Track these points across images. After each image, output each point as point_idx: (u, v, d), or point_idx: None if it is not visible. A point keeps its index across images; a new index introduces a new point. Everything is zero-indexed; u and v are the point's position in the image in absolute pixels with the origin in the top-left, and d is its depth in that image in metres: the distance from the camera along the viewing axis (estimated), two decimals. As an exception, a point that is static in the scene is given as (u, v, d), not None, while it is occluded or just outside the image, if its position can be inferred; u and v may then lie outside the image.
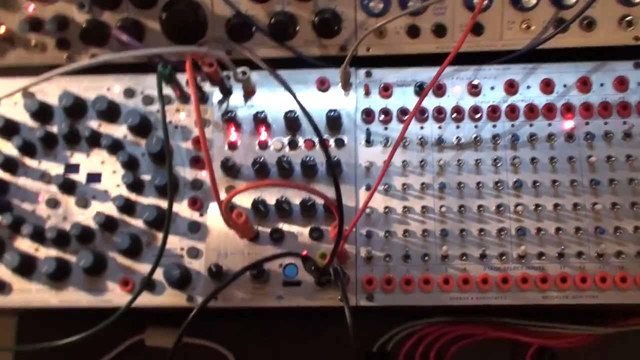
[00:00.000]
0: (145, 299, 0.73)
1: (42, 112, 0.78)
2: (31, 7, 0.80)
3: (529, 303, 0.70)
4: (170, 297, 0.73)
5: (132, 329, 0.82)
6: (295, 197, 0.73)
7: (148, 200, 0.76)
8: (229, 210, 0.64)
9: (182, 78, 0.75)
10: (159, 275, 0.72)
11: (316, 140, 0.75)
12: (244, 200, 0.73)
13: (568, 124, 0.74)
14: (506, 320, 0.77)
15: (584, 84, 0.75)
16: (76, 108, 0.78)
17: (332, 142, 0.75)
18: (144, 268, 0.74)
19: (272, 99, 0.77)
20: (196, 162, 0.76)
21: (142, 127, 0.77)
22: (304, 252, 0.68)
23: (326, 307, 0.71)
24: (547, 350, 0.78)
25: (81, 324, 0.71)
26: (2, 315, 0.88)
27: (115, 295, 0.74)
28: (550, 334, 0.77)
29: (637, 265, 0.70)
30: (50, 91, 0.79)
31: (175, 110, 0.78)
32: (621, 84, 0.74)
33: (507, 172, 0.73)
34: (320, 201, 0.72)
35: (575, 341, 0.77)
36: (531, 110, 0.74)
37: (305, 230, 0.73)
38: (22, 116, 0.78)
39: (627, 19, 0.76)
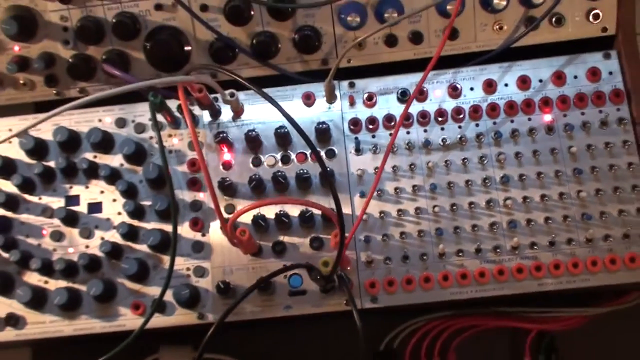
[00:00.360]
0: (158, 321, 0.75)
1: (38, 149, 0.79)
2: (17, 47, 0.81)
3: (525, 291, 0.73)
4: (181, 317, 0.76)
5: (146, 350, 0.83)
6: (294, 210, 0.76)
7: (150, 225, 0.78)
8: (233, 230, 0.67)
9: (171, 103, 0.77)
10: (168, 296, 0.75)
11: (308, 152, 0.78)
12: (244, 217, 0.74)
13: (547, 118, 0.77)
14: (505, 309, 0.80)
15: (559, 78, 0.78)
16: (71, 142, 0.79)
17: (323, 153, 0.78)
18: (152, 291, 0.76)
19: (261, 116, 0.79)
20: (193, 184, 0.79)
21: (137, 155, 0.79)
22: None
23: (332, 312, 0.74)
24: (545, 335, 0.81)
25: (95, 350, 0.74)
26: (16, 348, 0.89)
27: (128, 320, 0.76)
28: (547, 318, 0.80)
29: (625, 247, 0.73)
30: (43, 127, 0.80)
31: (167, 135, 0.80)
32: (594, 74, 0.78)
33: (494, 168, 0.76)
34: (317, 211, 0.75)
35: (571, 323, 0.80)
36: (511, 107, 0.77)
37: (306, 241, 0.76)
38: (19, 154, 0.80)
39: (593, 12, 0.79)
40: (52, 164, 0.80)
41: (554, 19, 0.79)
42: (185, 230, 0.77)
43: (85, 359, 0.74)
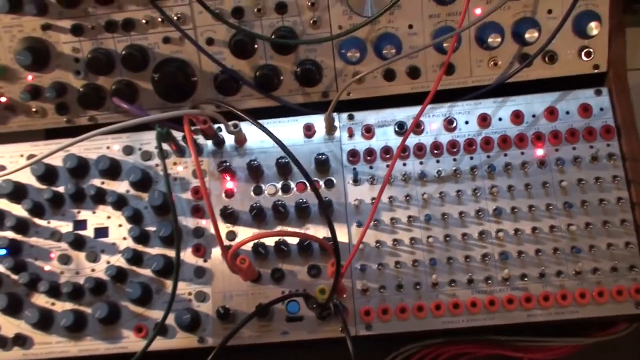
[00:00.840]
0: (159, 344, 0.78)
1: (48, 175, 0.83)
2: (30, 77, 0.85)
3: (515, 322, 0.76)
4: (182, 340, 0.78)
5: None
6: (293, 238, 0.79)
7: (154, 250, 0.81)
8: (234, 259, 0.69)
9: (177, 133, 0.80)
10: (170, 320, 0.77)
11: (307, 182, 0.80)
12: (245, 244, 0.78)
13: (539, 152, 0.80)
14: (496, 338, 0.82)
15: (551, 113, 0.80)
16: (80, 168, 0.83)
17: (322, 183, 0.81)
18: (155, 314, 0.79)
19: (263, 146, 0.82)
20: (196, 211, 0.81)
21: (143, 182, 0.82)
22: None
23: (328, 338, 0.77)
24: (536, 363, 0.83)
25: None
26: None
27: (130, 342, 0.79)
28: (537, 347, 0.82)
29: (613, 280, 0.76)
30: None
31: (172, 163, 0.83)
32: (585, 110, 0.80)
33: (487, 200, 0.79)
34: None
35: (561, 352, 0.82)
36: (504, 141, 0.80)
37: (304, 269, 0.78)
38: (29, 179, 0.83)
39: (585, 49, 0.81)
40: (61, 189, 0.83)
41: (547, 56, 0.82)
42: (187, 255, 0.80)
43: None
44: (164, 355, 0.79)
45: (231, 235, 0.80)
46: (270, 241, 0.78)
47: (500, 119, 0.81)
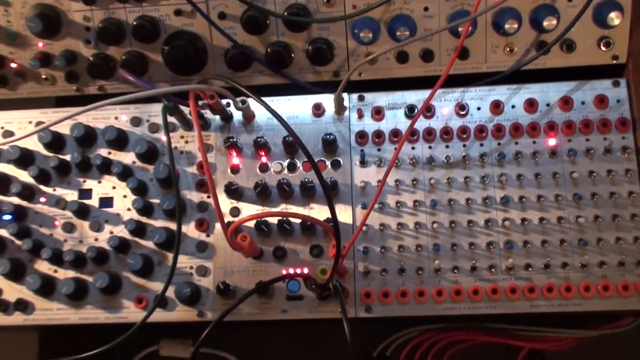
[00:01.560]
0: (159, 315, 0.78)
1: (56, 143, 0.83)
2: (40, 44, 0.84)
3: (517, 312, 0.75)
4: (181, 313, 0.78)
5: (147, 341, 0.86)
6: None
7: (158, 222, 0.81)
8: (234, 236, 0.69)
9: (185, 107, 0.80)
10: (170, 292, 0.77)
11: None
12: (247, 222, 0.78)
13: (551, 142, 0.78)
14: (498, 326, 0.81)
15: (566, 103, 0.79)
16: (87, 137, 0.83)
17: (328, 163, 0.80)
18: (156, 286, 0.79)
19: (271, 123, 0.82)
20: (201, 186, 0.81)
21: (149, 154, 0.81)
22: (306, 272, 0.73)
23: (328, 319, 0.76)
24: (537, 353, 0.82)
25: (99, 339, 0.77)
26: (24, 331, 0.93)
27: (130, 312, 0.79)
28: (539, 337, 0.81)
29: (619, 275, 0.74)
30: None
31: (179, 136, 0.83)
32: (601, 102, 0.79)
33: (495, 188, 0.77)
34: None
35: (563, 344, 0.81)
36: (516, 129, 0.78)
37: (306, 248, 0.78)
38: (36, 146, 0.83)
39: (605, 39, 0.79)
40: (68, 157, 0.83)
41: (564, 45, 0.80)
42: (190, 230, 0.80)
43: (89, 346, 0.78)
44: (163, 327, 0.79)
45: (235, 212, 0.79)
46: (273, 219, 0.78)
47: (513, 107, 0.80)
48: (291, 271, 0.77)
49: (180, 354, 0.85)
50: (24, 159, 0.82)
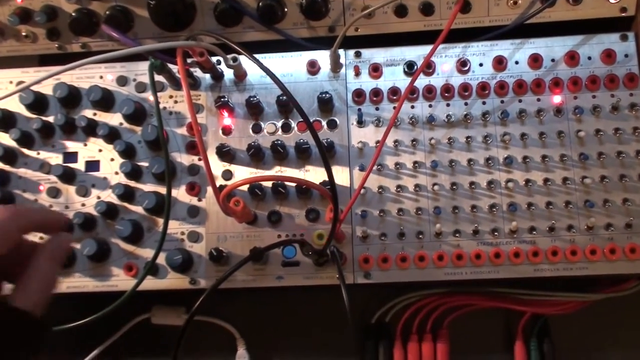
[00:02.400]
0: (150, 283, 0.75)
1: (38, 103, 0.79)
2: (19, -1, 0.80)
3: (521, 276, 0.72)
4: (173, 281, 0.75)
5: (138, 308, 0.84)
6: (291, 180, 0.75)
7: (147, 187, 0.77)
8: (226, 201, 0.66)
9: (173, 65, 0.76)
10: (161, 259, 0.74)
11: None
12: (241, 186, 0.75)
13: (556, 99, 0.75)
14: (500, 290, 0.79)
15: (572, 58, 0.75)
16: (71, 98, 0.78)
17: (324, 124, 0.76)
18: (146, 253, 0.76)
19: (264, 82, 0.78)
20: (192, 148, 0.77)
21: (136, 115, 0.77)
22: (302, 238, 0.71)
23: (325, 285, 0.74)
24: (540, 317, 0.80)
25: (88, 307, 0.75)
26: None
27: (120, 280, 0.76)
28: (542, 301, 0.79)
29: (626, 237, 0.72)
30: (43, 82, 0.79)
31: (168, 96, 0.79)
32: (608, 56, 0.75)
33: (498, 148, 0.74)
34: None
35: (567, 308, 0.79)
36: (520, 86, 0.75)
37: (302, 212, 0.75)
38: (18, 108, 0.79)
39: (613, -10, 0.76)
40: (51, 119, 0.79)
41: (571, -4, 0.76)
42: (181, 194, 0.77)
43: (77, 315, 0.76)
44: (155, 294, 0.77)
45: (227, 175, 0.76)
46: (267, 182, 0.75)
47: (517, 63, 0.76)
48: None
49: (173, 322, 0.82)
50: (5, 120, 0.78)
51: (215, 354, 0.84)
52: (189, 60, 0.73)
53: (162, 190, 0.76)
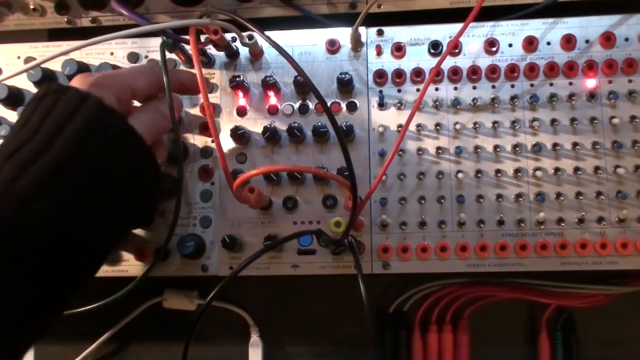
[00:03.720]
0: (160, 269, 0.73)
1: (47, 80, 0.75)
2: (27, -29, 0.76)
3: (547, 270, 0.69)
4: (184, 267, 0.73)
5: (150, 292, 0.82)
6: (309, 164, 0.72)
7: (158, 169, 0.75)
8: (240, 189, 0.63)
9: (186, 43, 0.72)
10: (172, 244, 0.72)
11: (328, 103, 0.73)
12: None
13: (590, 83, 0.70)
14: (523, 281, 0.75)
15: (608, 40, 0.71)
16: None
17: (343, 106, 0.73)
18: (157, 237, 0.73)
19: (281, 60, 0.74)
20: (205, 129, 0.74)
21: (148, 94, 0.74)
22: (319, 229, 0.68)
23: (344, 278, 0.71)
24: (564, 310, 0.77)
25: (98, 292, 0.73)
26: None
27: (131, 266, 0.74)
28: (567, 294, 0.76)
29: (659, 230, 0.68)
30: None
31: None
32: (647, 38, 0.71)
33: (526, 134, 0.70)
34: (333, 169, 0.71)
35: (592, 301, 0.76)
36: (551, 69, 0.71)
37: (319, 199, 0.72)
38: (26, 84, 0.76)
39: (655, -33, 0.71)
40: (60, 97, 0.76)
41: (609, -27, 0.71)
42: (194, 177, 0.74)
43: (87, 300, 0.74)
44: (165, 280, 0.75)
45: (242, 158, 0.73)
46: (283, 167, 0.72)
47: (548, 43, 0.72)
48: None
49: (185, 307, 0.80)
50: (13, 98, 0.75)
51: (228, 341, 0.82)
52: (202, 39, 0.70)
53: (174, 173, 0.73)
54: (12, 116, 0.76)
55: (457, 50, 0.72)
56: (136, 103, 0.67)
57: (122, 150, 0.58)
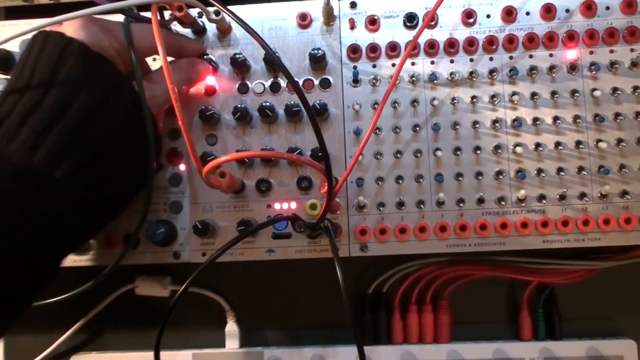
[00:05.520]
0: (130, 257, 0.70)
1: (4, 62, 0.71)
2: (-22, -56, 0.72)
3: (529, 248, 0.68)
4: (155, 255, 0.70)
5: (122, 279, 0.79)
6: (282, 144, 0.69)
7: (125, 153, 0.71)
8: (210, 176, 0.60)
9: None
10: (142, 232, 0.69)
11: (300, 81, 0.70)
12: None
13: (571, 54, 0.68)
14: (504, 259, 0.74)
15: (588, 8, 0.68)
16: (39, 56, 0.71)
17: (316, 83, 0.70)
18: (125, 224, 0.70)
19: (250, 37, 0.71)
20: (173, 111, 0.71)
21: (112, 74, 0.71)
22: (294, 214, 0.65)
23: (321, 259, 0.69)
24: (545, 287, 0.76)
25: (66, 282, 0.70)
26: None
27: (100, 255, 0.71)
28: (548, 270, 0.74)
29: (642, 205, 0.67)
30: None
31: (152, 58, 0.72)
32: (629, 6, 0.68)
33: (505, 109, 0.68)
34: (307, 149, 0.68)
35: (574, 277, 0.74)
36: (531, 40, 0.68)
37: (293, 180, 0.69)
38: (-19, 65, 0.72)
39: None
40: (18, 79, 0.72)
41: (589, -62, 0.69)
42: (162, 161, 0.71)
43: (56, 290, 0.72)
44: (137, 266, 0.72)
45: (211, 140, 0.70)
46: (256, 147, 0.69)
47: (527, 14, 0.69)
48: (277, 206, 0.69)
49: (158, 293, 0.78)
50: (-29, 77, 0.72)
51: (204, 327, 0.79)
52: (166, 16, 0.66)
53: (142, 156, 0.70)
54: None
55: (433, 23, 0.69)
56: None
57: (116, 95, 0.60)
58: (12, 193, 0.53)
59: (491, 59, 0.69)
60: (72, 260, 0.71)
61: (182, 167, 0.71)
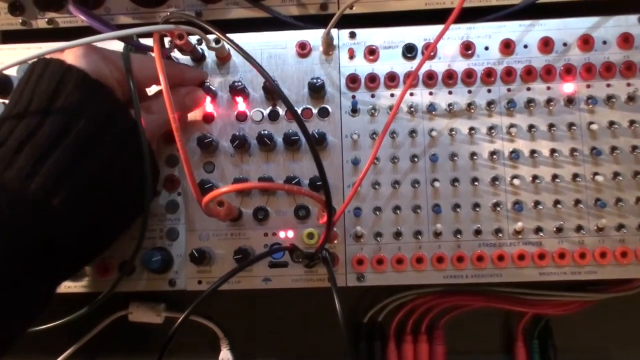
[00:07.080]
0: (126, 285, 0.69)
1: (2, 87, 0.71)
2: (-22, -30, 0.72)
3: (525, 280, 0.68)
4: (151, 282, 0.70)
5: (115, 305, 0.78)
6: (280, 173, 0.69)
7: (122, 179, 0.71)
8: (209, 206, 0.60)
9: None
10: (138, 259, 0.69)
11: (299, 110, 0.70)
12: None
13: (568, 88, 0.69)
14: (499, 290, 0.74)
15: (586, 43, 0.69)
16: (37, 80, 0.71)
17: (315, 112, 0.70)
18: (120, 251, 0.70)
19: (250, 65, 0.71)
20: (171, 138, 0.70)
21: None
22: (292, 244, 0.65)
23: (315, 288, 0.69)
24: (541, 318, 0.76)
25: (60, 308, 0.70)
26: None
27: (94, 282, 0.70)
28: (544, 302, 0.75)
29: (639, 239, 0.67)
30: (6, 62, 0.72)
31: (150, 84, 0.72)
32: (625, 41, 0.68)
33: (503, 141, 0.68)
34: (305, 178, 0.68)
35: (569, 308, 0.74)
36: (529, 73, 0.69)
37: (291, 209, 0.69)
38: (-21, 90, 0.72)
39: (633, -32, 0.69)
40: (15, 103, 0.71)
41: (587, -26, 0.69)
42: (159, 187, 0.70)
43: (50, 316, 0.71)
44: (130, 292, 0.72)
45: (209, 167, 0.70)
46: (254, 175, 0.69)
47: (525, 47, 0.70)
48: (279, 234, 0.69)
49: (151, 320, 0.77)
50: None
51: (198, 355, 0.79)
52: (167, 44, 0.66)
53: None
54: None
55: (432, 54, 0.70)
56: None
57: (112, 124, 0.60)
58: (8, 220, 0.53)
59: (489, 90, 0.69)
60: (66, 286, 0.70)
61: (179, 194, 0.70)
